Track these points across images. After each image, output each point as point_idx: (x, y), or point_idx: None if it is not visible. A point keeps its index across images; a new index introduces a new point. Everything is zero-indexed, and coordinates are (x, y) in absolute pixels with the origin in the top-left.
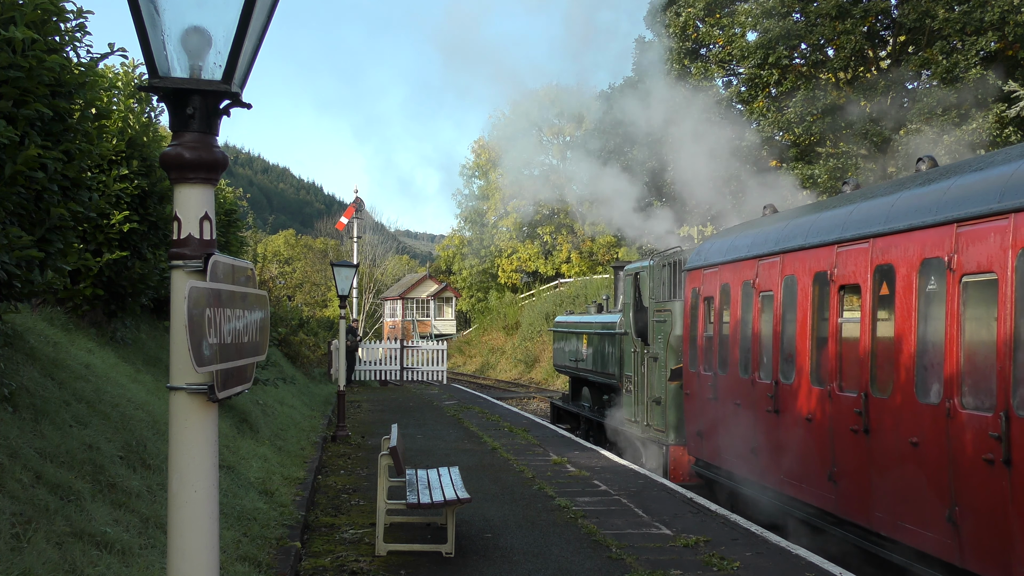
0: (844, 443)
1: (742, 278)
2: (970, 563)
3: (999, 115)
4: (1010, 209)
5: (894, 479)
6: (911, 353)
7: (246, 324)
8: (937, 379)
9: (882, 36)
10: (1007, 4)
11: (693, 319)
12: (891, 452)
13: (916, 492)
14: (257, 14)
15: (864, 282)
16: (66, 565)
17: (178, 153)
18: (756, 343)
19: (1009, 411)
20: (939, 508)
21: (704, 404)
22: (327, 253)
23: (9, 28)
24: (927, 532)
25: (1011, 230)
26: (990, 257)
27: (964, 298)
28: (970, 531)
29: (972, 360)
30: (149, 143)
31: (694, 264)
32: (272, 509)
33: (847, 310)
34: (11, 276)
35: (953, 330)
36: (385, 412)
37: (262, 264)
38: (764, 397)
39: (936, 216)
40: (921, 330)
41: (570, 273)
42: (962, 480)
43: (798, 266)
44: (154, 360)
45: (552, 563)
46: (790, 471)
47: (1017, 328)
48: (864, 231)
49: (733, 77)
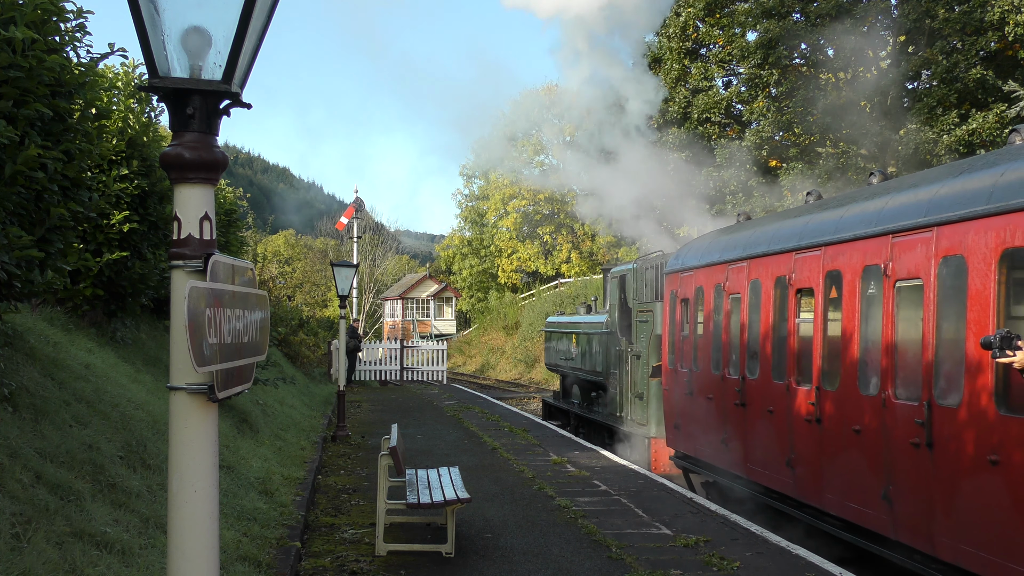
0: (800, 432)
1: (714, 281)
2: (902, 535)
3: (999, 115)
4: (933, 223)
5: (841, 463)
6: (855, 350)
7: (246, 324)
8: (876, 373)
9: (882, 36)
10: (1007, 4)
11: (672, 319)
12: (838, 439)
13: (858, 474)
14: (257, 14)
15: (817, 286)
16: (66, 565)
17: (178, 153)
18: (726, 342)
19: (931, 401)
20: (876, 488)
21: (681, 399)
22: (327, 253)
23: (9, 28)
24: (867, 509)
25: (934, 241)
26: (917, 265)
27: (897, 301)
28: (901, 507)
29: (903, 356)
30: (149, 143)
31: (672, 268)
32: (272, 509)
33: (803, 311)
34: (11, 276)
35: (888, 329)
36: (385, 412)
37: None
38: (732, 391)
39: (875, 228)
40: (863, 329)
41: (570, 273)
42: (894, 462)
43: (762, 271)
44: (154, 360)
45: (552, 563)
46: (755, 459)
47: (938, 327)
48: (817, 240)
49: (733, 77)
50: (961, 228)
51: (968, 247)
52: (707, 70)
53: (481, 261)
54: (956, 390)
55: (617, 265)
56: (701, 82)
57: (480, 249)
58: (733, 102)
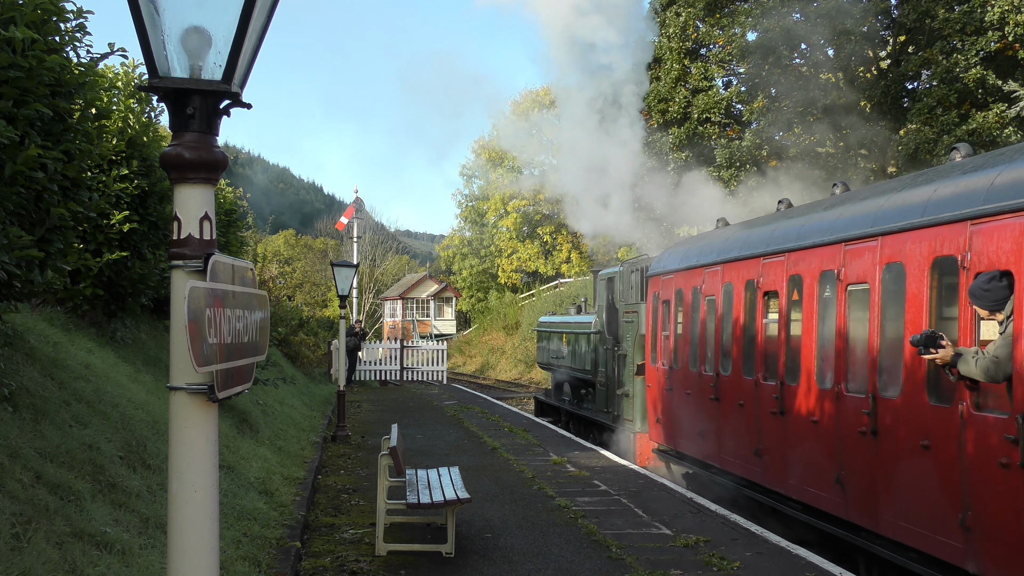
0: (767, 424)
1: (692, 284)
2: (852, 516)
3: (999, 115)
4: (878, 233)
5: (801, 452)
6: (812, 348)
7: (246, 324)
8: (831, 368)
9: (882, 36)
10: (1007, 4)
11: (654, 319)
12: (799, 430)
13: (816, 461)
14: (257, 14)
15: (781, 289)
16: (66, 565)
17: (178, 153)
18: (702, 340)
19: (876, 393)
20: (831, 473)
21: (662, 394)
22: (327, 253)
23: (9, 28)
24: (823, 493)
25: (879, 249)
26: (865, 271)
27: (848, 303)
28: (852, 490)
29: (853, 353)
30: (149, 143)
31: (655, 271)
32: (272, 509)
33: (770, 312)
34: (11, 276)
35: (841, 329)
36: (385, 412)
37: (262, 264)
38: (707, 387)
39: (831, 236)
40: (820, 329)
41: (570, 273)
42: (846, 449)
43: (734, 275)
44: (154, 360)
45: (552, 563)
46: (728, 450)
47: (882, 327)
48: (782, 246)
49: (733, 77)
50: (900, 238)
51: (906, 255)
52: (707, 70)
53: (481, 261)
54: (895, 383)
55: (606, 268)
56: (701, 82)
57: (480, 249)
58: (733, 102)
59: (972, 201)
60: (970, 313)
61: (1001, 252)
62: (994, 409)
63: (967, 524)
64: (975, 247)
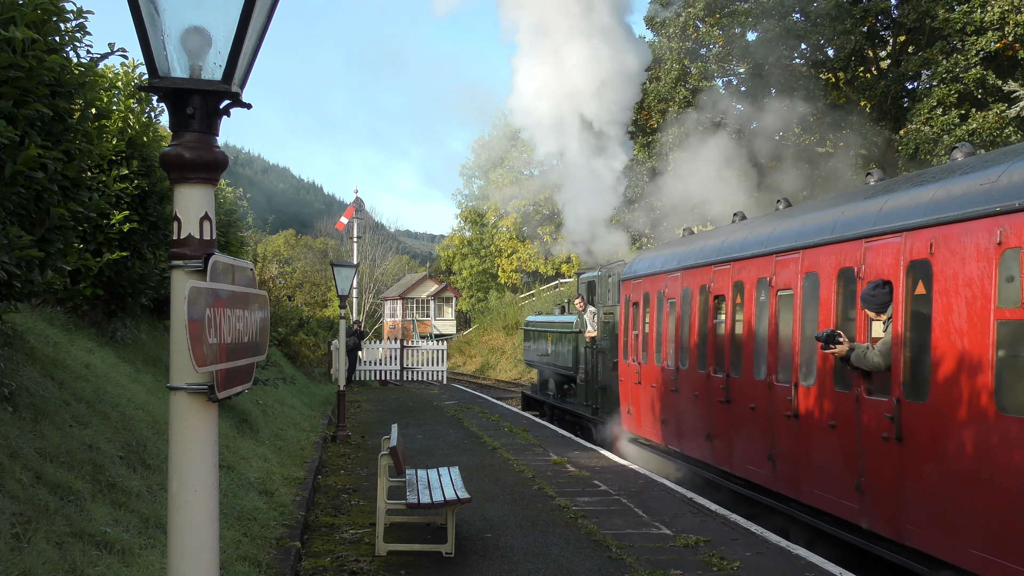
0: (716, 412)
1: (657, 288)
2: (781, 488)
3: (999, 115)
4: (800, 247)
5: (742, 434)
6: (751, 344)
7: (246, 324)
8: (764, 362)
9: (882, 36)
10: (1007, 4)
11: (626, 319)
12: (741, 415)
13: (753, 442)
14: (257, 14)
15: (727, 293)
16: (66, 565)
17: (178, 153)
18: (665, 339)
19: (797, 382)
20: (764, 452)
21: (632, 387)
22: (327, 253)
23: (9, 28)
24: (759, 469)
25: (800, 261)
26: (790, 279)
27: (778, 306)
28: (780, 466)
29: (782, 348)
30: (149, 143)
31: (626, 275)
32: (272, 509)
33: (719, 314)
34: (11, 276)
35: (772, 328)
36: (385, 412)
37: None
38: (669, 380)
39: (765, 248)
40: (756, 328)
41: (570, 273)
42: (776, 431)
43: (691, 280)
44: (154, 360)
45: (552, 563)
46: (685, 435)
47: (802, 326)
48: (728, 256)
49: (733, 77)
50: (816, 252)
51: (820, 266)
52: (707, 70)
53: (481, 261)
54: (811, 374)
55: (587, 271)
56: (701, 82)
57: (480, 249)
58: (733, 102)
59: (865, 223)
60: (864, 314)
61: (885, 265)
62: (879, 394)
63: (861, 488)
64: (868, 260)
